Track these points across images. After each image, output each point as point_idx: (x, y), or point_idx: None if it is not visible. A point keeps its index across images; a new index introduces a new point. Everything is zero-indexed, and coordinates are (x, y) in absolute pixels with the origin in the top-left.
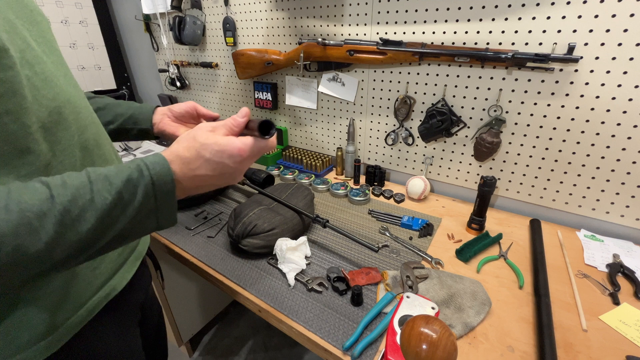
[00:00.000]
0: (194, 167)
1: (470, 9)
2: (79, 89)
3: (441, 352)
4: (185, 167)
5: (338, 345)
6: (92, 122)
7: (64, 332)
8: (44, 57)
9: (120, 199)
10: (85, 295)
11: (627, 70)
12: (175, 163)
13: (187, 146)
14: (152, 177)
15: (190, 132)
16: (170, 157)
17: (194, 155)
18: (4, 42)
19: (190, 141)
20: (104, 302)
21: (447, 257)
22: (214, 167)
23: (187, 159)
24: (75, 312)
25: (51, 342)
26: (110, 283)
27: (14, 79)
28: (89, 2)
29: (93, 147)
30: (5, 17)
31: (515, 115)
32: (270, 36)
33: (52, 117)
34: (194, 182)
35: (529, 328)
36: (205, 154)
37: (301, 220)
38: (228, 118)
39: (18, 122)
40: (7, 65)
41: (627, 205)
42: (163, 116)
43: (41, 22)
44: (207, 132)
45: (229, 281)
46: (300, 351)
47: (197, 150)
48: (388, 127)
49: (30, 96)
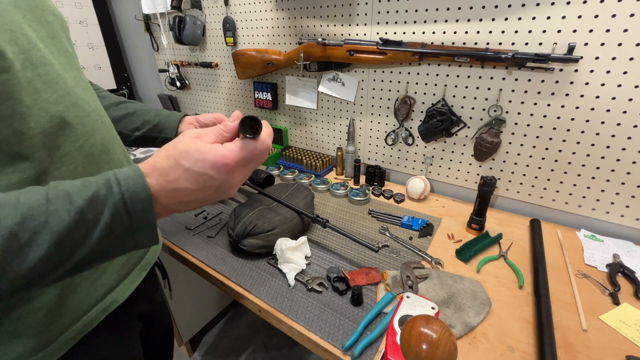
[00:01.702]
0: (173, 179)
1: (470, 9)
2: (90, 91)
3: (441, 352)
4: (162, 179)
5: (338, 345)
6: (100, 126)
7: (57, 347)
8: (51, 59)
9: (83, 219)
10: (83, 308)
11: (627, 70)
12: (152, 176)
13: (165, 155)
14: (122, 194)
15: (172, 140)
16: (147, 169)
17: (172, 164)
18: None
19: (169, 149)
20: (102, 315)
21: (447, 257)
22: (195, 178)
23: (164, 169)
24: (71, 326)
25: (46, 355)
26: (111, 295)
27: (8, 82)
28: (89, 2)
29: (100, 152)
30: (10, 17)
31: (515, 115)
32: (271, 36)
33: (53, 122)
34: (175, 197)
35: (529, 328)
36: (184, 163)
37: (301, 220)
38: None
39: (11, 128)
40: (2, 67)
41: (627, 205)
42: (190, 126)
43: (53, 22)
44: (190, 138)
45: (229, 281)
46: (300, 351)
47: (176, 158)
48: (388, 127)
49: (29, 100)
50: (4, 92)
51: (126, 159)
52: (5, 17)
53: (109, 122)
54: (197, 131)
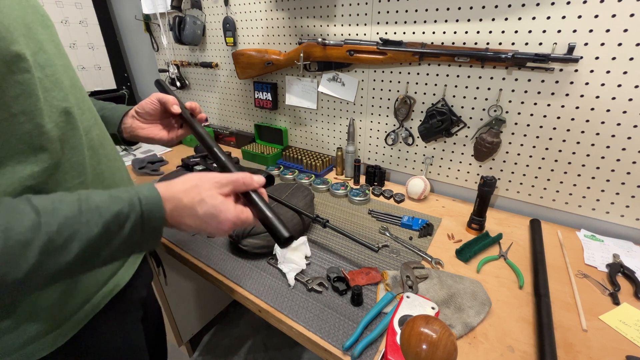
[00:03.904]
0: (184, 215)
1: (470, 9)
2: (83, 91)
3: (441, 352)
4: (176, 211)
5: (338, 345)
6: (95, 123)
7: (69, 327)
8: (55, 60)
9: (107, 231)
10: (91, 291)
11: (627, 70)
12: (169, 203)
13: (188, 193)
14: (142, 212)
15: (196, 177)
16: (166, 195)
17: (189, 205)
18: (22, 46)
19: (193, 189)
20: (108, 297)
21: (447, 257)
22: (199, 223)
23: (181, 205)
24: (81, 308)
25: (57, 336)
26: (114, 279)
27: (29, 81)
28: (89, 2)
29: (98, 146)
30: (23, 22)
31: (515, 115)
32: (270, 36)
33: (62, 118)
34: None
35: (529, 328)
36: (199, 211)
37: (301, 220)
38: (240, 174)
39: (33, 122)
40: (25, 68)
41: (627, 205)
42: (132, 120)
43: (50, 27)
44: (213, 189)
45: (229, 281)
46: (300, 351)
47: (195, 204)
48: (388, 127)
49: (42, 98)
50: (27, 90)
51: (117, 152)
52: (20, 22)
53: (100, 120)
54: (223, 178)
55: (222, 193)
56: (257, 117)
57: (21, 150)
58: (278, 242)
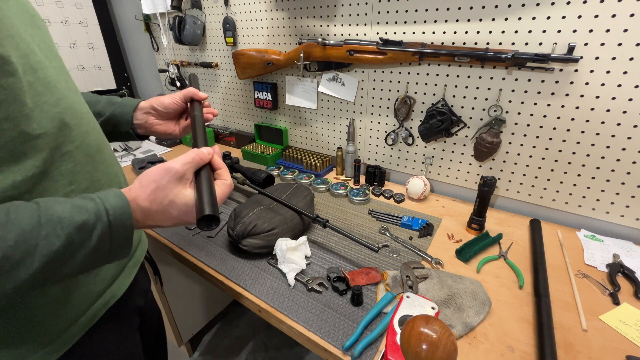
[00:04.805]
0: (157, 220)
1: (470, 9)
2: (79, 94)
3: (441, 352)
4: (149, 219)
5: (338, 345)
6: (92, 128)
7: (64, 341)
8: (47, 63)
9: (71, 243)
10: (86, 303)
11: (627, 70)
12: (137, 211)
13: (154, 200)
14: (110, 222)
15: (153, 175)
16: (134, 205)
17: (160, 210)
18: (6, 49)
19: (158, 193)
20: (103, 309)
21: (447, 257)
22: (176, 222)
23: (152, 212)
24: (76, 321)
25: (51, 350)
26: (109, 290)
27: (14, 86)
28: (89, 2)
29: (95, 152)
30: (10, 23)
31: (515, 115)
32: (270, 36)
33: (54, 123)
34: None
35: (529, 328)
36: (173, 213)
37: (301, 220)
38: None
39: (17, 129)
40: (8, 72)
41: (627, 205)
42: (147, 116)
43: (42, 27)
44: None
45: (229, 281)
46: (300, 351)
47: (165, 207)
48: (388, 127)
49: (31, 102)
50: (11, 95)
51: (114, 157)
52: (6, 23)
53: (98, 124)
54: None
55: (186, 183)
56: (257, 117)
57: (2, 159)
58: (197, 221)
